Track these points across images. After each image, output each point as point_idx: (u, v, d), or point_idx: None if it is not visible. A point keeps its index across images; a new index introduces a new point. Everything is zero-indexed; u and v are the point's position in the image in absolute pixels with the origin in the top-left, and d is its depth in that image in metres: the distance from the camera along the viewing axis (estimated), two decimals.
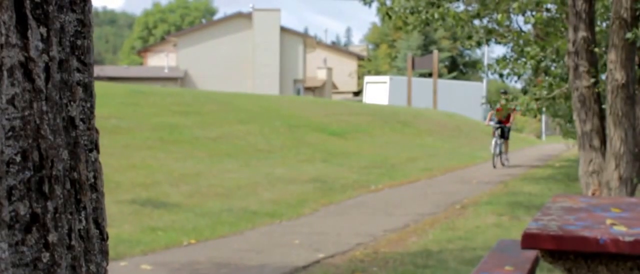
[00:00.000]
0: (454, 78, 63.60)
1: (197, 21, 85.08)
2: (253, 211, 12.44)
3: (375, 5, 16.04)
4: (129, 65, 66.42)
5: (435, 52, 52.31)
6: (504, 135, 22.17)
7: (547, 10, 15.94)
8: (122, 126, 19.39)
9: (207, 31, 54.49)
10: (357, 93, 62.92)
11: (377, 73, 65.73)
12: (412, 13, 15.52)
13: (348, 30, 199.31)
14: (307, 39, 55.66)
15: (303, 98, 41.46)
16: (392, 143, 26.16)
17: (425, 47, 64.84)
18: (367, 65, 71.51)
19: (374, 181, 17.15)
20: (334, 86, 62.44)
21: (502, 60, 16.45)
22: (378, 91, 50.12)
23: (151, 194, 13.19)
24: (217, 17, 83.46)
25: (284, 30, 52.76)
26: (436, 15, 15.35)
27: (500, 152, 22.08)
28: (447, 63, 67.12)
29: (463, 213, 12.87)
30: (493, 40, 17.02)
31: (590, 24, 10.04)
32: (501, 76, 16.61)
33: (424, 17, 15.43)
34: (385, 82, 51.27)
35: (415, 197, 14.91)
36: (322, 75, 58.92)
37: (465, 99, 49.65)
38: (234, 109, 26.89)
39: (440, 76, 53.86)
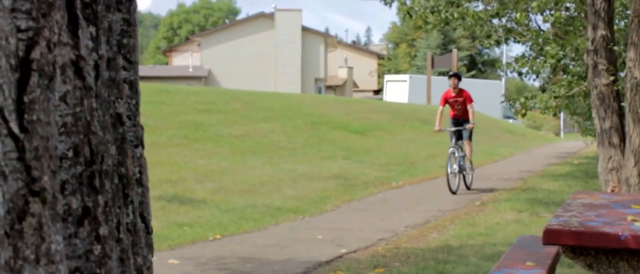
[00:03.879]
0: (473, 76, 63.35)
1: (220, 21, 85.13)
2: (276, 207, 12.53)
3: (395, 5, 16.12)
4: (154, 65, 66.52)
5: (455, 50, 52.19)
6: (463, 136, 15.83)
7: (566, 9, 15.96)
8: (149, 124, 19.49)
9: (230, 31, 54.59)
10: (378, 91, 62.87)
11: (397, 72, 65.70)
12: (432, 12, 15.58)
13: (368, 30, 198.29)
14: (328, 39, 55.70)
15: (324, 96, 41.47)
16: (412, 141, 26.15)
17: (445, 46, 64.79)
18: (387, 64, 71.43)
19: (395, 177, 17.20)
20: (355, 85, 62.41)
21: (521, 59, 16.49)
22: (398, 89, 50.04)
23: (177, 190, 13.29)
24: (240, 17, 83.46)
25: (305, 30, 52.80)
26: (456, 15, 15.42)
27: (462, 170, 15.45)
28: (466, 62, 66.99)
29: (483, 210, 12.91)
30: (512, 39, 17.05)
31: (609, 23, 10.06)
32: (520, 74, 16.66)
33: (443, 16, 15.49)
34: (405, 81, 51.19)
35: (435, 194, 14.95)
36: (343, 74, 58.92)
37: (484, 97, 49.38)
38: (257, 107, 26.96)
39: None
